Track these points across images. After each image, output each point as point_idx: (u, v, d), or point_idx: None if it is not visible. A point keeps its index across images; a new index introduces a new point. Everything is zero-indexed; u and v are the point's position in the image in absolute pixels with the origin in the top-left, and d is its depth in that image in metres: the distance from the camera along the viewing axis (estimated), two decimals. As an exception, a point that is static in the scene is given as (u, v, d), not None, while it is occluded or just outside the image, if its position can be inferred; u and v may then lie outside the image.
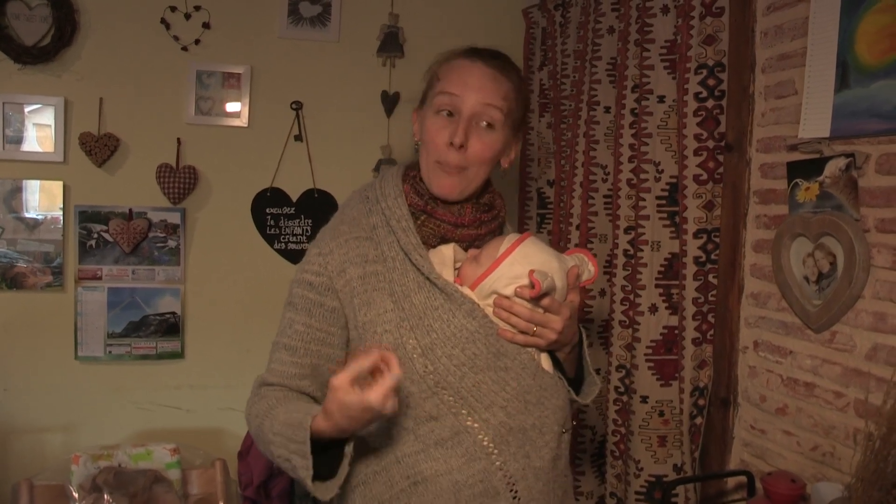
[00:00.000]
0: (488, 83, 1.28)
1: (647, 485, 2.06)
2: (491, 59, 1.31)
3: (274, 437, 1.18)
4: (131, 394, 2.63)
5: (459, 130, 1.25)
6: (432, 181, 1.29)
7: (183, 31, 2.61)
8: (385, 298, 1.26)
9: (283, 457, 1.17)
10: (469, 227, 1.31)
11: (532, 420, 1.27)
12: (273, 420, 1.20)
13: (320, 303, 1.28)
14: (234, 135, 2.68)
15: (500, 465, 1.24)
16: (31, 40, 2.46)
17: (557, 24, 2.57)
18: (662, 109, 2.03)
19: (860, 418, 1.51)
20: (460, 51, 1.34)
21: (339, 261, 1.27)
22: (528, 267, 1.23)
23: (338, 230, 1.31)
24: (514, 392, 1.25)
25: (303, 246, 2.73)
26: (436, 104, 1.28)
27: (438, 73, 1.31)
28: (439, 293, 1.25)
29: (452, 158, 1.27)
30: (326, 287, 1.27)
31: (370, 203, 1.33)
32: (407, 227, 1.27)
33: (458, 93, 1.27)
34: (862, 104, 1.50)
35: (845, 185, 1.55)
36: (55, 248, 2.55)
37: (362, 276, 1.26)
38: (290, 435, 1.14)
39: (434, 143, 1.28)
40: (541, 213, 2.71)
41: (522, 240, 1.27)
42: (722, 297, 1.92)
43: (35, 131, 2.53)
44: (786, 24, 1.74)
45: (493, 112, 1.28)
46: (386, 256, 1.27)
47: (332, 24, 2.72)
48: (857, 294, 1.53)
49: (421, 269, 1.25)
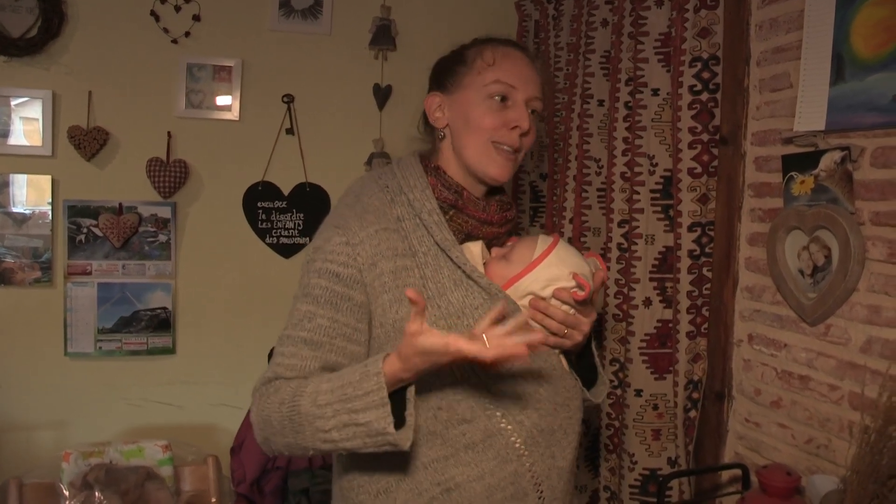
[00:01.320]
0: (535, 76, 1.31)
1: (641, 478, 2.06)
2: (530, 52, 1.36)
3: (322, 410, 1.10)
4: (122, 390, 2.61)
5: (524, 115, 1.27)
6: (489, 165, 1.27)
7: (173, 23, 2.58)
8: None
9: (342, 423, 1.08)
10: (495, 224, 1.31)
11: (559, 421, 1.28)
12: (313, 395, 1.11)
13: (348, 296, 1.20)
14: (225, 128, 2.66)
15: (529, 465, 1.24)
16: (18, 32, 2.43)
17: (550, 16, 2.55)
18: (657, 102, 2.03)
19: (855, 411, 1.51)
20: (503, 40, 1.34)
21: (370, 253, 1.20)
22: (566, 269, 1.24)
23: (364, 219, 1.23)
24: (546, 393, 1.25)
25: (295, 240, 2.72)
26: (489, 90, 1.26)
27: (489, 59, 1.28)
28: (480, 291, 1.22)
29: (514, 140, 1.27)
30: (355, 280, 1.20)
31: (391, 193, 1.28)
32: (440, 222, 1.24)
33: (515, 84, 1.27)
34: (857, 97, 1.50)
35: (840, 179, 1.55)
36: (44, 243, 2.52)
37: (394, 270, 1.21)
38: (352, 393, 1.07)
39: (493, 126, 1.26)
40: (533, 207, 2.70)
41: (557, 242, 1.28)
42: (716, 291, 1.92)
43: (22, 125, 2.50)
44: (781, 17, 1.73)
45: (538, 104, 1.31)
46: (416, 251, 1.23)
47: (324, 17, 2.70)
48: (851, 287, 1.53)
49: (462, 266, 1.22)
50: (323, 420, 1.10)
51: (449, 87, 1.31)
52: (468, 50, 1.32)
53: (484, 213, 1.29)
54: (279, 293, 2.63)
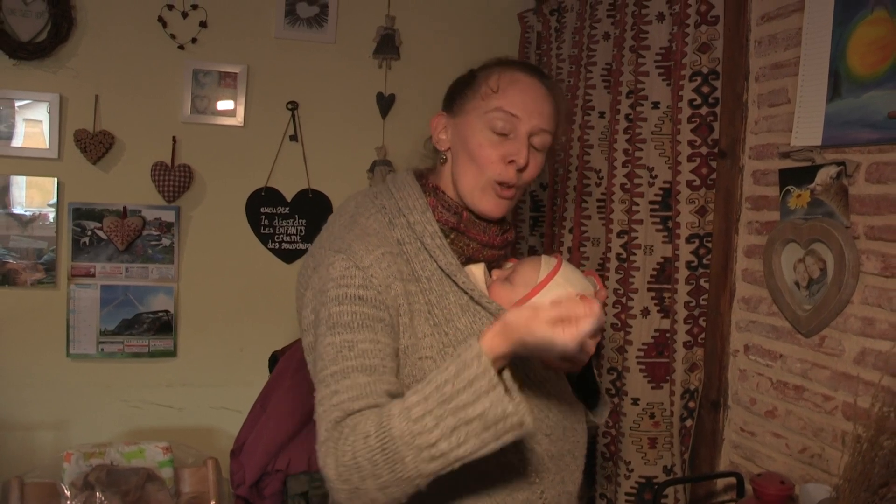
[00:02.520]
0: (545, 106, 1.23)
1: (637, 486, 2.08)
2: (545, 79, 1.27)
3: (421, 424, 0.97)
4: (123, 392, 2.63)
5: (523, 150, 1.20)
6: (481, 200, 1.22)
7: (180, 29, 2.61)
8: (423, 322, 1.16)
9: (450, 428, 0.96)
10: (496, 247, 1.27)
11: (569, 446, 1.25)
12: (405, 412, 0.98)
13: (379, 317, 1.11)
14: (229, 134, 2.69)
15: (540, 493, 1.21)
16: (27, 36, 2.46)
17: (553, 28, 2.59)
18: (657, 115, 2.06)
19: (848, 421, 1.54)
20: (513, 62, 1.27)
21: (382, 275, 1.13)
22: (572, 291, 1.20)
23: (368, 242, 1.15)
24: (556, 419, 1.23)
25: (297, 246, 2.74)
26: (489, 120, 1.20)
27: (493, 85, 1.22)
28: (487, 317, 1.18)
29: (512, 177, 1.21)
30: (379, 301, 1.12)
31: (389, 214, 1.22)
32: (443, 246, 1.19)
33: (519, 114, 1.20)
34: (853, 114, 1.53)
35: (836, 193, 1.58)
36: (48, 244, 2.54)
37: (405, 294, 1.15)
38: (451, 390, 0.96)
39: (489, 161, 1.20)
40: (533, 216, 2.73)
41: (560, 264, 1.25)
42: (713, 302, 1.95)
43: (25, 127, 2.52)
44: (779, 34, 1.77)
45: (545, 137, 1.24)
46: (419, 276, 1.18)
47: (329, 26, 2.73)
48: (846, 299, 1.56)
49: (469, 292, 1.18)
50: (425, 434, 0.96)
51: (455, 109, 1.27)
52: (479, 72, 1.27)
53: (485, 235, 1.25)
54: (280, 298, 2.66)
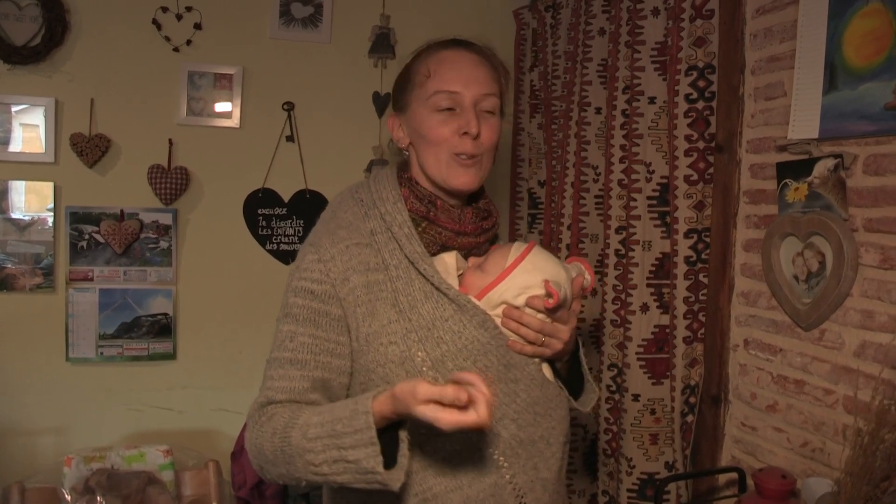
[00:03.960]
0: (482, 72, 1.26)
1: (639, 482, 2.08)
2: (475, 47, 1.30)
3: (312, 444, 1.09)
4: (123, 395, 2.62)
5: (472, 120, 1.23)
6: (450, 177, 1.25)
7: (174, 31, 2.60)
8: (388, 308, 1.21)
9: (332, 458, 1.07)
10: (470, 234, 1.28)
11: (541, 431, 1.25)
12: (304, 427, 1.11)
13: (325, 311, 1.20)
14: (225, 135, 2.68)
15: (509, 478, 1.22)
16: (21, 40, 2.45)
17: (548, 25, 2.58)
18: (653, 111, 2.05)
19: (849, 414, 1.53)
20: (439, 43, 1.31)
21: (341, 268, 1.21)
22: (539, 277, 1.21)
23: (336, 235, 1.24)
24: (524, 404, 1.23)
25: (295, 247, 2.74)
26: (433, 103, 1.24)
27: (425, 71, 1.26)
28: (449, 303, 1.21)
29: (470, 147, 1.24)
30: (329, 295, 1.20)
31: (365, 206, 1.28)
32: (410, 234, 1.23)
33: (458, 89, 1.24)
34: (850, 106, 1.53)
35: (834, 186, 1.57)
36: (46, 249, 2.54)
37: (366, 284, 1.21)
38: (342, 430, 1.06)
39: (443, 137, 1.24)
40: (531, 214, 2.73)
41: (530, 249, 1.25)
42: (712, 296, 1.95)
43: (22, 131, 2.52)
44: (775, 27, 1.76)
45: (492, 100, 1.27)
46: (388, 264, 1.23)
47: (324, 26, 2.73)
48: (845, 292, 1.56)
49: (430, 279, 1.21)
50: (313, 454, 1.09)
51: (402, 106, 1.31)
52: (411, 64, 1.30)
53: (458, 223, 1.27)
54: (279, 299, 2.63)
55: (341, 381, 1.22)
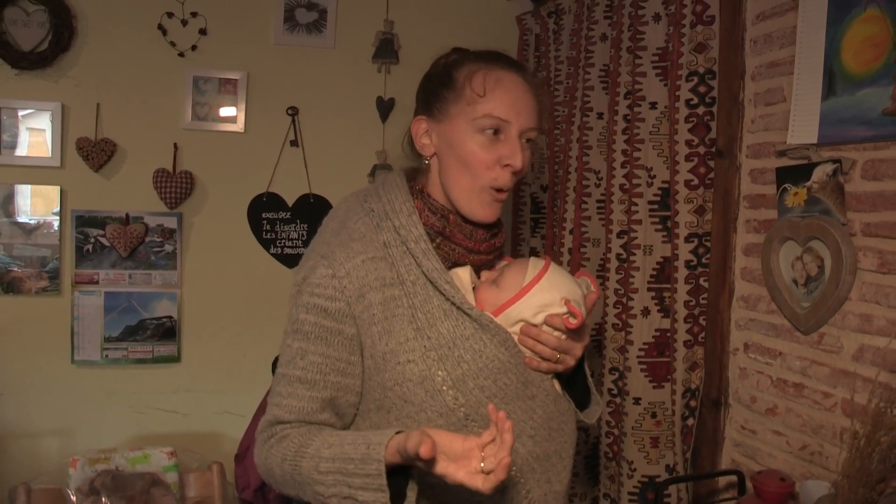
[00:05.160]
0: (530, 103, 1.22)
1: (639, 485, 2.08)
2: (526, 73, 1.25)
3: (322, 477, 1.09)
4: (128, 398, 2.64)
5: (518, 153, 1.19)
6: (477, 207, 1.21)
7: (180, 37, 2.63)
8: (405, 326, 1.18)
9: (342, 494, 1.07)
10: (482, 253, 1.26)
11: (555, 446, 1.26)
12: (315, 458, 1.11)
13: (338, 330, 1.17)
14: (230, 140, 2.70)
15: (525, 493, 1.23)
16: (29, 45, 2.48)
17: (551, 31, 2.60)
18: (654, 116, 2.07)
19: (847, 417, 1.54)
20: (491, 59, 1.24)
21: (357, 285, 1.16)
22: (557, 295, 1.21)
23: (350, 248, 1.19)
24: (540, 420, 1.23)
25: (298, 250, 2.76)
26: (480, 124, 1.19)
27: (479, 88, 1.19)
28: (470, 322, 1.18)
29: (508, 181, 1.20)
30: (344, 313, 1.16)
31: (377, 217, 1.23)
32: (427, 251, 1.19)
33: (508, 118, 1.19)
34: (848, 111, 1.54)
35: (832, 191, 1.58)
36: (52, 252, 2.56)
37: (382, 301, 1.18)
38: (353, 470, 1.06)
39: (484, 165, 1.19)
40: (534, 218, 2.74)
41: (548, 267, 1.24)
42: (713, 300, 1.96)
43: (28, 136, 2.54)
44: (775, 33, 1.77)
45: (534, 133, 1.24)
46: (404, 280, 1.19)
47: (328, 31, 2.75)
48: (844, 296, 1.57)
49: (450, 298, 1.18)
50: (323, 486, 1.10)
51: (436, 113, 1.24)
52: (457, 71, 1.23)
53: (471, 241, 1.24)
54: (283, 303, 2.64)
55: (350, 399, 1.21)
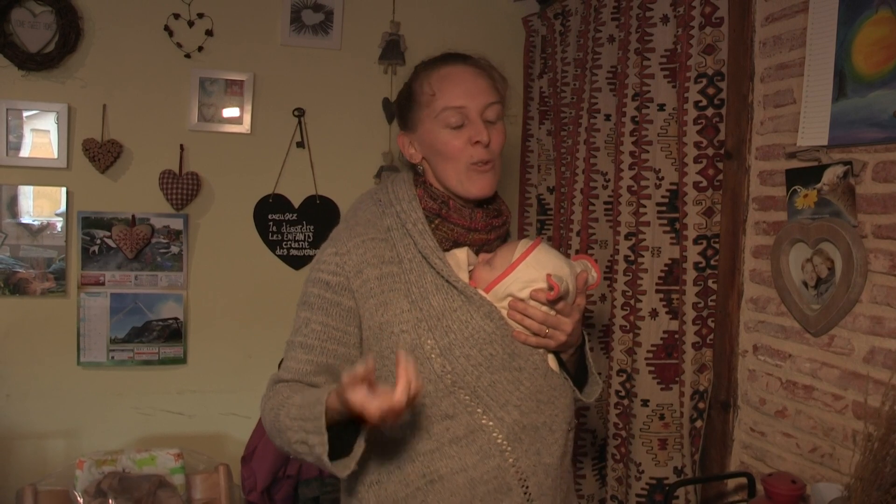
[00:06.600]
0: (482, 83, 1.33)
1: (647, 487, 2.08)
2: (471, 59, 1.36)
3: (291, 423, 1.20)
4: (134, 399, 2.64)
5: (482, 129, 1.31)
6: (470, 186, 1.32)
7: (186, 38, 2.63)
8: (401, 299, 1.28)
9: (300, 440, 1.17)
10: (481, 231, 1.35)
11: (543, 418, 1.31)
12: (289, 408, 1.22)
13: (337, 302, 1.29)
14: (236, 141, 2.70)
15: (512, 461, 1.28)
16: (35, 47, 2.48)
17: (557, 32, 2.60)
18: (663, 117, 2.07)
19: (858, 420, 1.54)
20: (434, 61, 1.37)
21: (356, 261, 1.29)
22: (543, 271, 1.27)
23: (354, 230, 1.33)
24: (527, 391, 1.30)
25: (305, 252, 2.76)
26: (443, 119, 1.31)
27: (429, 90, 1.33)
28: (458, 295, 1.28)
29: (483, 154, 1.31)
30: (343, 287, 1.29)
31: (383, 206, 1.36)
32: (423, 231, 1.31)
33: (464, 103, 1.31)
34: (859, 113, 1.54)
35: (843, 193, 1.58)
36: (58, 253, 2.56)
37: (379, 277, 1.29)
38: (307, 415, 1.16)
39: (458, 149, 1.31)
40: (541, 220, 2.74)
41: (536, 245, 1.32)
42: (722, 302, 1.95)
43: (33, 137, 2.54)
44: (784, 35, 1.77)
45: (496, 108, 1.34)
46: (402, 258, 1.30)
47: (334, 32, 2.75)
48: (854, 298, 1.57)
49: (440, 272, 1.29)
50: (291, 432, 1.20)
51: (410, 125, 1.37)
52: (414, 84, 1.37)
53: (469, 220, 1.34)
54: (289, 304, 2.63)
55: (346, 368, 1.26)
